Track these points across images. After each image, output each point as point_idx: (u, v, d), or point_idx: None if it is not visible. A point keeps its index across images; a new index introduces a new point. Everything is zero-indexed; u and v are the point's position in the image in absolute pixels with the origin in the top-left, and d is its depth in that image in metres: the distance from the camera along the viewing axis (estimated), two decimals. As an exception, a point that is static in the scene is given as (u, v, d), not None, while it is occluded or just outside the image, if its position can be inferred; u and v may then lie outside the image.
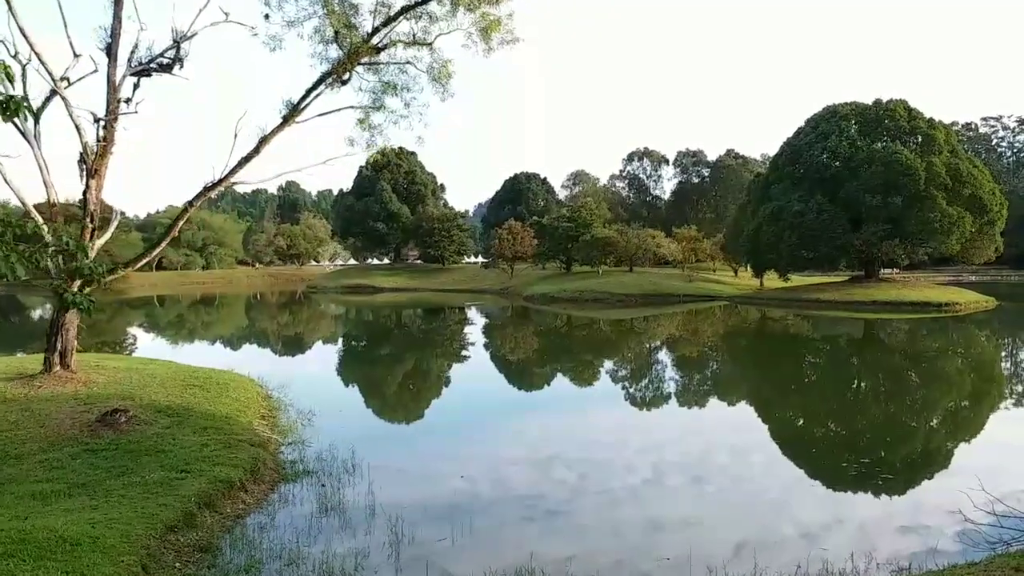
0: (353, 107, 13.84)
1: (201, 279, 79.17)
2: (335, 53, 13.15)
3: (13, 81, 4.51)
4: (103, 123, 11.67)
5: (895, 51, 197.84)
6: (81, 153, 11.60)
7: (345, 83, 13.07)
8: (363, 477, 8.65)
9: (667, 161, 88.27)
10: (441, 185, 79.91)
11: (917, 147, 39.37)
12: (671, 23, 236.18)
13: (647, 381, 18.08)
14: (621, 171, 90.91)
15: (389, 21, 12.89)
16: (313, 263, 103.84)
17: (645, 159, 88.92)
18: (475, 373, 19.72)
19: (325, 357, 24.30)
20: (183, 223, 13.50)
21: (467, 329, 32.92)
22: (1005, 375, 18.96)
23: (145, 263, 13.86)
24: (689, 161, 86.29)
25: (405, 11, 12.85)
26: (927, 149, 39.18)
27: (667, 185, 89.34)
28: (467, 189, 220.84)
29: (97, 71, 12.01)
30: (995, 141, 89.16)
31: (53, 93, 11.55)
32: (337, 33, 12.88)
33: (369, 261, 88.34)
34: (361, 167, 73.62)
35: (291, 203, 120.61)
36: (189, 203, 12.87)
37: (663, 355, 23.42)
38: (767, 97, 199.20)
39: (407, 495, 8.19)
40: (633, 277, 51.22)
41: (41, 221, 10.88)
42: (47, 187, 11.66)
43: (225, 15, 12.62)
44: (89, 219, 11.70)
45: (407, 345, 26.86)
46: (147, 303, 52.13)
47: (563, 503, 8.11)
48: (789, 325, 32.77)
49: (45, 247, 4.93)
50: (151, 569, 5.53)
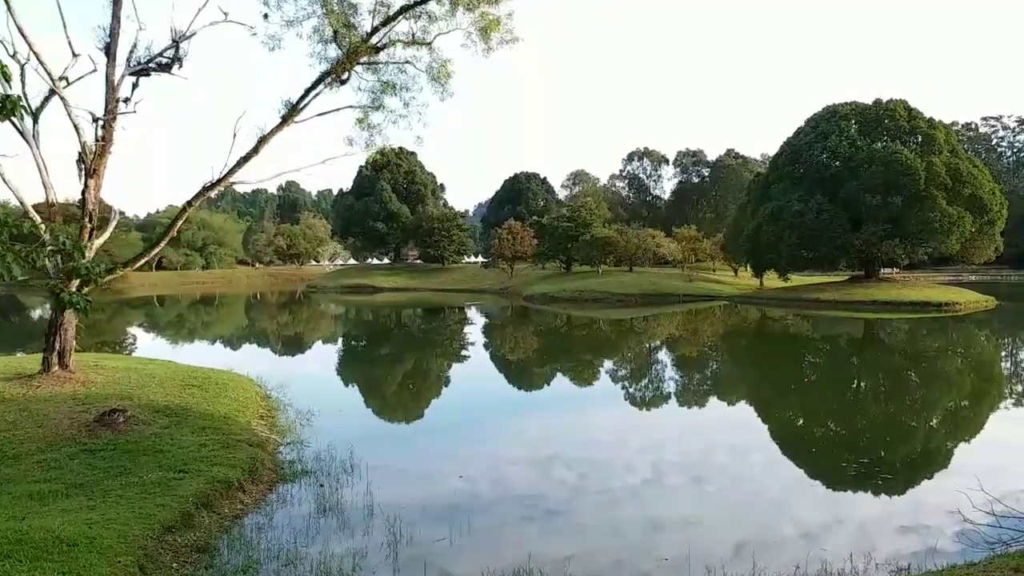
0: (352, 107, 13.83)
1: (201, 279, 79.16)
2: (334, 53, 13.13)
3: (10, 80, 4.51)
4: (102, 123, 11.66)
5: (895, 51, 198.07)
6: (79, 153, 11.59)
7: (344, 83, 13.05)
8: (362, 477, 8.64)
9: (667, 161, 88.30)
10: (441, 185, 79.92)
11: (917, 147, 39.37)
12: (671, 23, 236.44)
13: (647, 381, 18.06)
14: (621, 171, 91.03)
15: (388, 21, 12.87)
16: (313, 263, 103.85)
17: (645, 159, 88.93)
18: (475, 373, 19.70)
19: (325, 357, 24.29)
20: (182, 223, 13.49)
21: (467, 329, 32.91)
22: (1005, 375, 18.94)
23: (144, 263, 13.84)
24: (689, 161, 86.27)
25: (404, 11, 12.83)
26: (927, 149, 39.18)
27: (667, 185, 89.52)
28: (467, 189, 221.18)
29: (96, 71, 12.00)
30: (995, 141, 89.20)
31: (52, 93, 11.54)
32: (336, 33, 12.86)
33: (369, 261, 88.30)
34: (361, 167, 73.64)
35: (291, 203, 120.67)
36: (188, 203, 12.85)
37: (663, 355, 23.40)
38: (767, 97, 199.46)
39: (406, 495, 8.17)
40: (633, 277, 51.21)
41: (39, 221, 10.91)
42: (46, 187, 11.65)
43: (224, 15, 12.61)
44: (88, 219, 11.69)
45: (407, 345, 26.85)
46: (147, 303, 52.11)
47: (563, 503, 8.10)
48: (789, 325, 32.76)
49: (42, 247, 4.92)
50: (148, 569, 5.52)
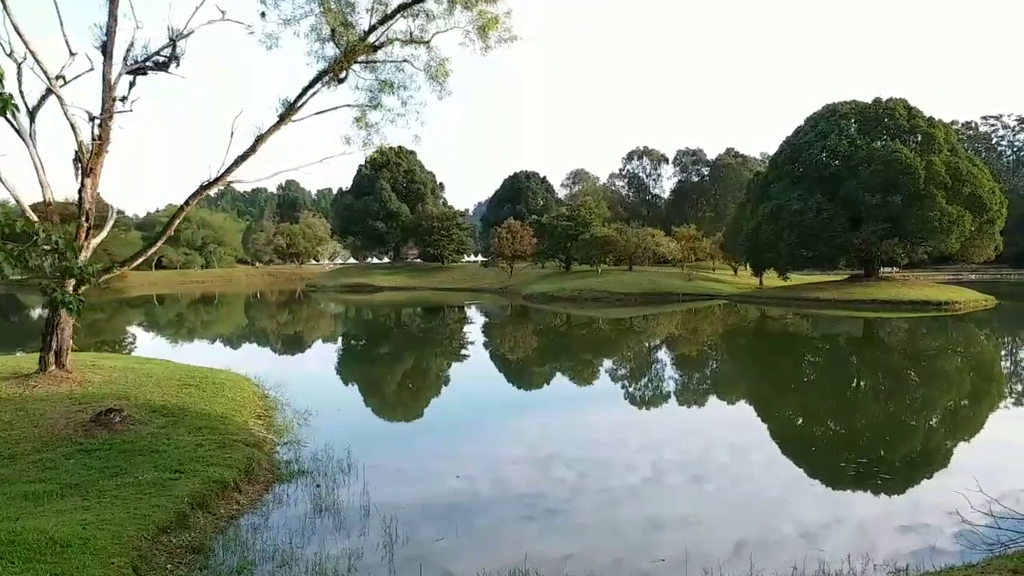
0: (350, 105, 13.79)
1: (200, 278, 79.15)
2: (332, 51, 13.10)
3: (2, 79, 4.46)
4: (98, 121, 11.62)
5: (895, 51, 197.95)
6: (76, 152, 11.55)
7: (342, 81, 13.01)
8: (359, 477, 8.60)
9: (667, 160, 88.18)
10: (440, 184, 79.88)
11: (917, 146, 39.31)
12: (671, 22, 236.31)
13: (646, 380, 18.03)
14: (621, 170, 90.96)
15: (386, 19, 12.83)
16: (312, 262, 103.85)
17: (645, 158, 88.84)
18: (474, 372, 19.67)
19: (323, 356, 24.26)
20: (179, 222, 13.46)
21: (466, 328, 32.88)
22: (1004, 374, 18.92)
23: (142, 261, 13.82)
24: (689, 160, 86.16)
25: (402, 9, 12.79)
26: (927, 148, 39.12)
27: (667, 184, 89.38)
28: (466, 188, 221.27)
29: (93, 69, 11.97)
30: (995, 140, 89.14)
31: (48, 92, 11.50)
32: (334, 31, 12.82)
33: (368, 260, 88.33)
34: (360, 166, 73.66)
35: (291, 202, 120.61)
36: (185, 202, 12.83)
37: (662, 354, 23.37)
38: (767, 96, 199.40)
39: (404, 495, 8.14)
40: (632, 276, 51.18)
41: (35, 219, 10.87)
42: (42, 186, 11.62)
43: (221, 13, 12.56)
44: (85, 218, 11.65)
45: (406, 344, 26.81)
46: (147, 302, 52.08)
47: (562, 502, 8.07)
48: (788, 324, 32.73)
49: (35, 246, 4.89)
50: (142, 570, 5.48)
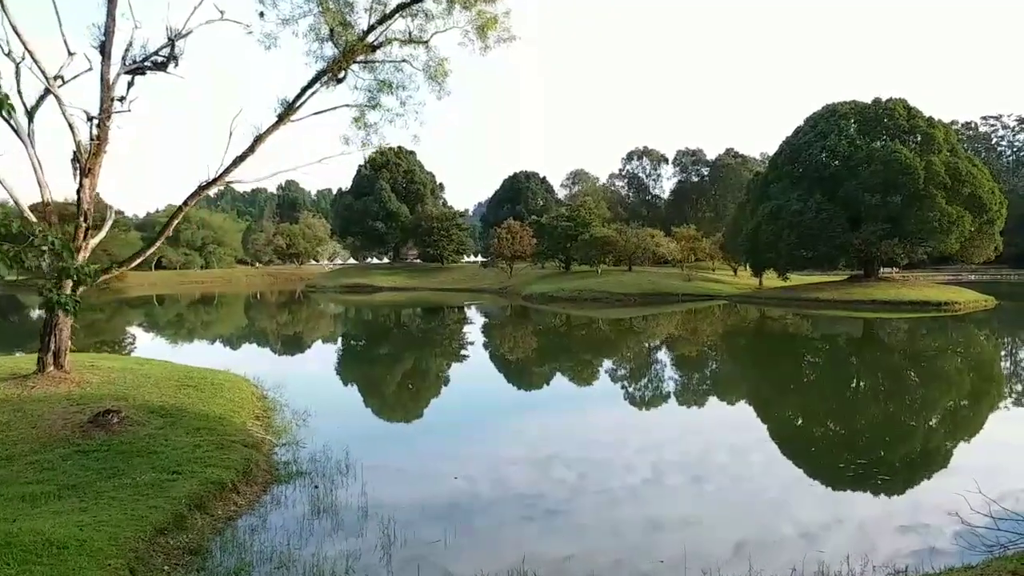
0: (348, 105, 13.77)
1: (200, 278, 79.11)
2: (330, 51, 13.07)
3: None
4: (96, 121, 11.59)
5: (895, 51, 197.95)
6: (74, 152, 11.53)
7: (340, 81, 12.99)
8: (357, 478, 8.57)
9: (666, 160, 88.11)
10: (440, 184, 79.81)
11: (916, 146, 39.28)
12: (671, 22, 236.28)
13: (646, 380, 18.01)
14: (620, 170, 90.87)
15: (385, 19, 12.81)
16: (312, 262, 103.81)
17: (644, 158, 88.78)
18: (474, 373, 19.65)
19: (323, 357, 24.24)
20: (177, 222, 13.44)
21: (466, 328, 32.85)
22: (1004, 375, 18.90)
23: (141, 262, 13.80)
24: (688, 160, 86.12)
25: (401, 9, 12.77)
26: (926, 148, 39.09)
27: (666, 184, 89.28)
28: (466, 188, 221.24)
29: (91, 69, 11.95)
30: (995, 140, 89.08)
31: (47, 92, 11.48)
32: (332, 31, 12.80)
33: (368, 260, 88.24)
34: (360, 166, 73.57)
35: (290, 202, 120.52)
36: (184, 203, 12.80)
37: (662, 354, 23.35)
38: (767, 96, 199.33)
39: (402, 496, 8.12)
40: (632, 276, 51.15)
41: (34, 220, 10.85)
42: (41, 186, 11.59)
43: (220, 13, 12.55)
44: (83, 218, 11.63)
45: (406, 344, 26.79)
46: (146, 302, 52.06)
47: (562, 503, 8.05)
48: (788, 324, 32.71)
49: (30, 246, 4.87)
50: (138, 572, 5.46)
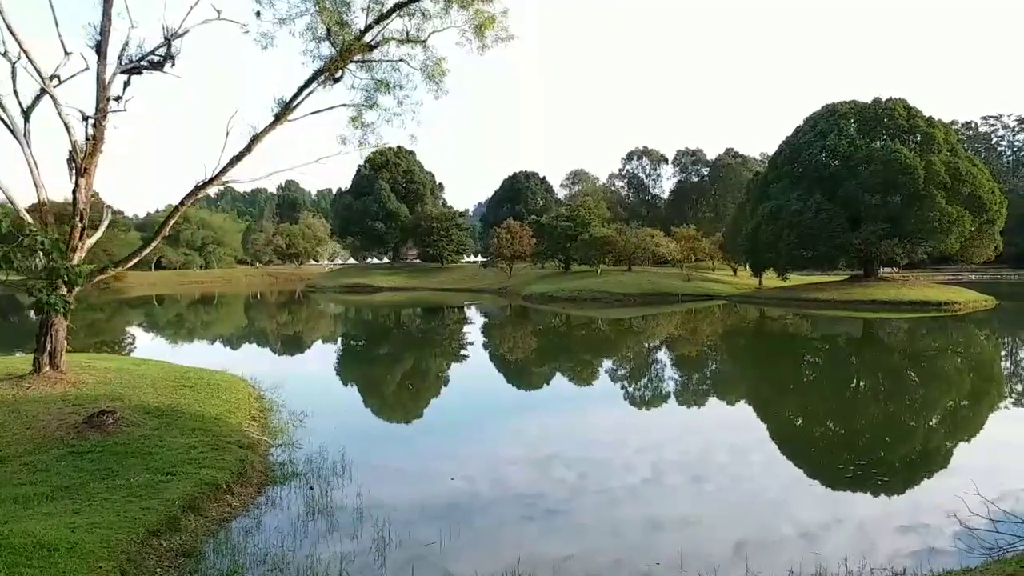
0: (346, 105, 13.73)
1: (200, 278, 79.07)
2: (327, 51, 13.03)
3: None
4: (92, 121, 11.55)
5: (895, 51, 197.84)
6: (70, 152, 11.49)
7: (337, 81, 12.95)
8: (352, 479, 8.53)
9: (666, 160, 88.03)
10: (440, 184, 79.77)
11: (916, 146, 39.22)
12: (670, 22, 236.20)
13: (646, 380, 17.97)
14: (620, 170, 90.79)
15: (382, 18, 12.78)
16: (312, 262, 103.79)
17: (644, 158, 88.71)
18: (473, 373, 19.60)
19: (322, 357, 24.19)
20: (174, 222, 13.40)
21: (466, 328, 32.82)
22: (1004, 375, 18.85)
23: (139, 261, 13.78)
24: (688, 160, 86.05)
25: (398, 8, 12.74)
26: (926, 148, 39.03)
27: (666, 184, 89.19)
28: (466, 188, 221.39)
29: (87, 69, 11.90)
30: (995, 140, 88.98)
31: (43, 92, 11.44)
32: (329, 30, 12.76)
33: (368, 260, 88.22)
34: (360, 166, 73.54)
35: (290, 202, 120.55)
36: (180, 202, 12.76)
37: (662, 354, 23.30)
38: (766, 96, 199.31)
39: (398, 496, 8.07)
40: (632, 276, 51.09)
41: (30, 220, 10.81)
42: (37, 186, 11.55)
43: (217, 12, 12.53)
44: (79, 218, 11.59)
45: (405, 344, 26.75)
46: (146, 302, 52.03)
47: (561, 503, 8.01)
48: (788, 324, 32.65)
49: (20, 246, 4.85)
50: (130, 574, 5.41)
